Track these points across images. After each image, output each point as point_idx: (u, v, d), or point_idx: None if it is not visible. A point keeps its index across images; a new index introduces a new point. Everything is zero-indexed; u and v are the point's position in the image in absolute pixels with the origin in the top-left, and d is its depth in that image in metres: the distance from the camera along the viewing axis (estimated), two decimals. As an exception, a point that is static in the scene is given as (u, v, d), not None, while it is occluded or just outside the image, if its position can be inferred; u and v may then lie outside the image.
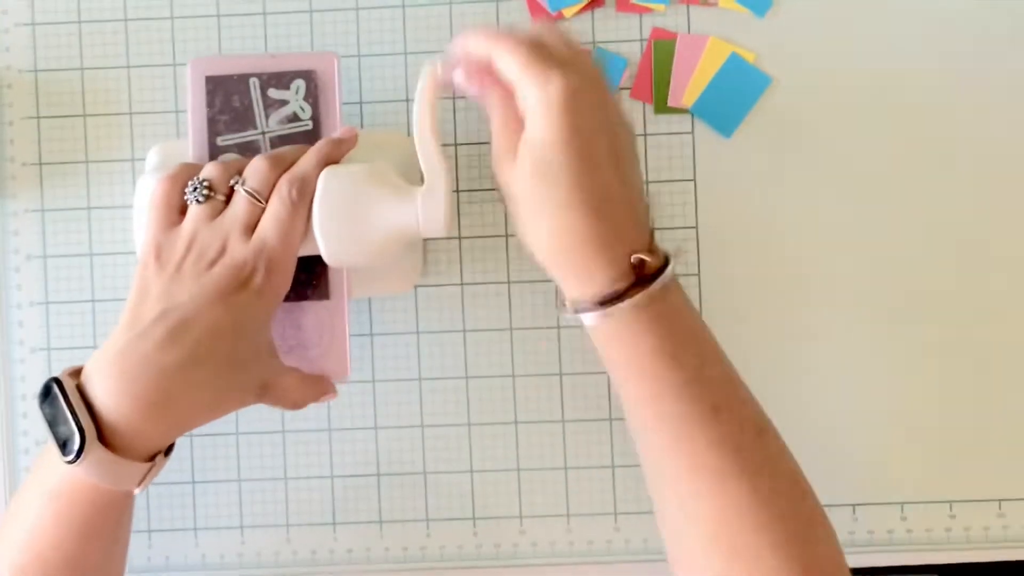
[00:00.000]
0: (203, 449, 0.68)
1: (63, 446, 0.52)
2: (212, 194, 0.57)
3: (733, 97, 0.66)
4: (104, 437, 0.52)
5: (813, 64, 0.67)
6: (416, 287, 0.68)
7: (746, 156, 0.67)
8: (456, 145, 0.67)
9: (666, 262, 0.53)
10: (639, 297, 0.52)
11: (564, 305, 0.55)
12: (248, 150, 0.61)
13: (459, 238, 0.68)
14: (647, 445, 0.54)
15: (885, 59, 0.66)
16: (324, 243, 0.57)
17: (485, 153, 0.67)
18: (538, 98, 0.52)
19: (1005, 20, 0.66)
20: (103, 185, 0.68)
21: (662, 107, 0.67)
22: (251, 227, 0.56)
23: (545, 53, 0.53)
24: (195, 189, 0.57)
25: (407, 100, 0.67)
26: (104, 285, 0.68)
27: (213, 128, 0.61)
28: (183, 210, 0.58)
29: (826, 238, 0.67)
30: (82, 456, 0.52)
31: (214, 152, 0.61)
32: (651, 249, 0.53)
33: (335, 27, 0.67)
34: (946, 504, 0.67)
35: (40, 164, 0.68)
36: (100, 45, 0.68)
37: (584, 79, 0.53)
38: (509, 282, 0.67)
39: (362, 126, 0.67)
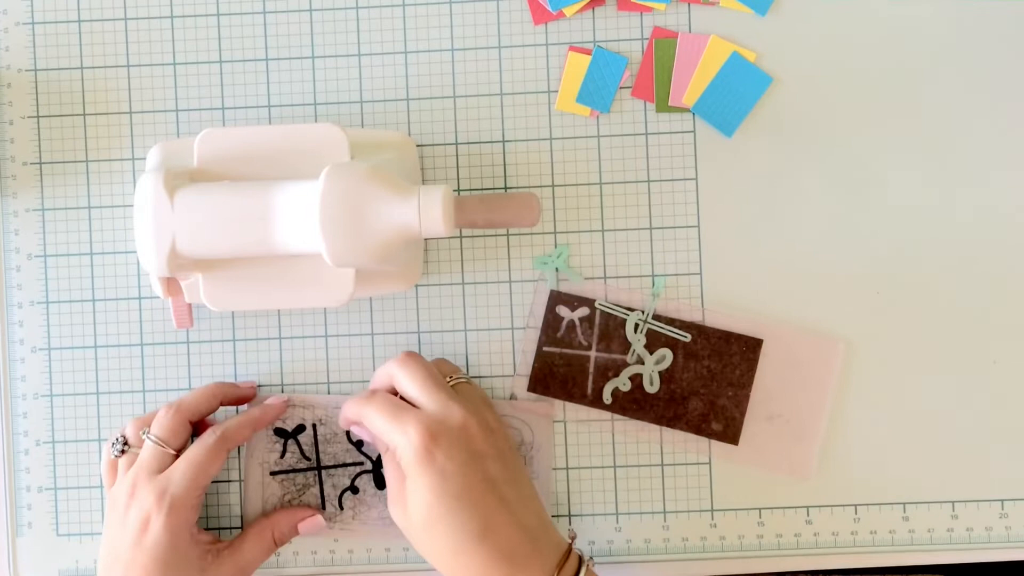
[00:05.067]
0: (203, 449, 0.67)
1: None
2: (128, 447, 0.64)
3: (734, 96, 0.66)
4: None
5: (814, 63, 0.66)
6: (416, 287, 0.67)
7: (747, 155, 0.67)
8: (457, 144, 0.67)
9: (579, 562, 0.58)
10: None
11: None
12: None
13: (459, 237, 0.67)
14: None
15: (886, 58, 0.66)
16: (326, 244, 0.57)
17: (485, 152, 0.67)
18: (401, 455, 0.58)
19: (1006, 20, 0.66)
20: (103, 184, 0.68)
21: (663, 106, 0.67)
22: (157, 470, 0.62)
23: (398, 408, 0.59)
24: (112, 445, 0.64)
25: (407, 100, 0.67)
26: (104, 285, 0.68)
27: None
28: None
29: (827, 237, 0.66)
30: None
31: None
32: (560, 562, 0.57)
33: (335, 27, 0.67)
34: (948, 504, 0.66)
35: (40, 163, 0.68)
36: (100, 44, 0.68)
37: (438, 421, 0.58)
38: (510, 281, 0.67)
39: (362, 126, 0.67)
